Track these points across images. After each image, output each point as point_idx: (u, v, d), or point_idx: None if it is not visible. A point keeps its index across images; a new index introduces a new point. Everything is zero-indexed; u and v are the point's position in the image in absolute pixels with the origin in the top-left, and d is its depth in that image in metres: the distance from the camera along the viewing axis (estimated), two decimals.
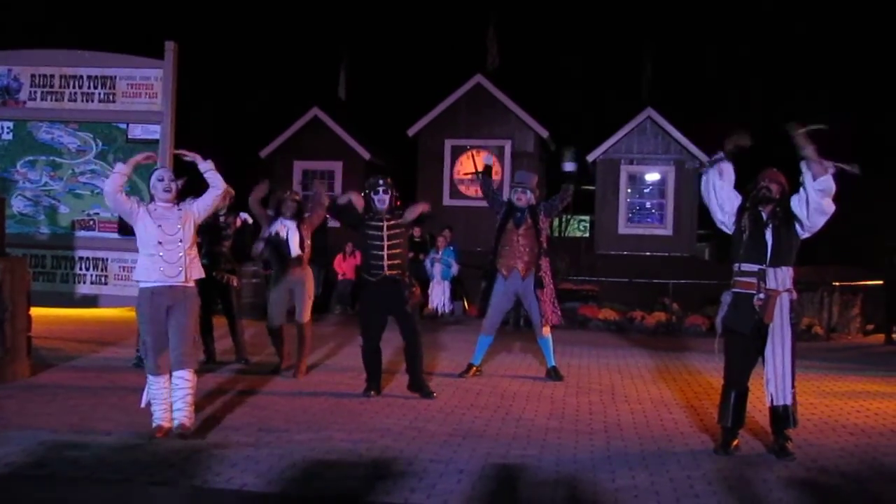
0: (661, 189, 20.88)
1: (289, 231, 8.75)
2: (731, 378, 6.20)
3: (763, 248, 6.04)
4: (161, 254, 6.10)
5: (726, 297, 6.21)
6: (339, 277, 16.42)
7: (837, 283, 15.29)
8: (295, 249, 8.73)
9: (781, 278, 6.02)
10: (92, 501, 4.88)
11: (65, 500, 4.89)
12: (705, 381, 9.39)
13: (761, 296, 6.00)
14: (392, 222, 8.00)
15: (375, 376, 8.07)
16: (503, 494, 5.09)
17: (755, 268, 6.05)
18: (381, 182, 8.05)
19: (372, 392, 7.94)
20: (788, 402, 6.01)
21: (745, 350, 6.16)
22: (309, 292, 8.87)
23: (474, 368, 9.28)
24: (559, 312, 9.44)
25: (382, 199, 7.99)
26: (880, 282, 14.52)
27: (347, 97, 23.79)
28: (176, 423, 6.12)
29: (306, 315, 8.85)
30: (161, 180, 6.26)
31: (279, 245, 8.74)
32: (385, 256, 7.89)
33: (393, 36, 30.53)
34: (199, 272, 6.36)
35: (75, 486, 5.04)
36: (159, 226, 6.13)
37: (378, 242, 7.92)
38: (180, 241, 6.16)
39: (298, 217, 8.82)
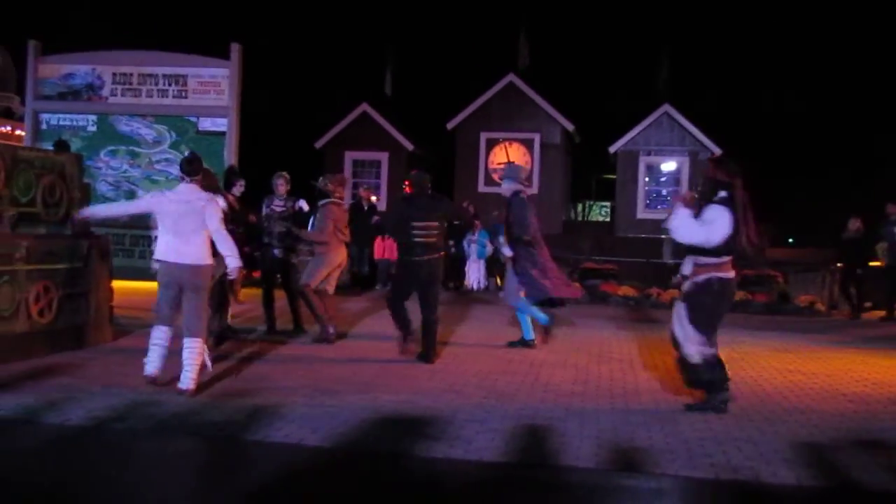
0: (676, 178, 20.70)
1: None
2: None
3: None
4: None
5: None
6: (377, 257, 16.29)
7: (839, 264, 15.04)
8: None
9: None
10: (166, 452, 4.95)
11: (143, 450, 4.96)
12: None
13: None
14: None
15: (406, 324, 8.04)
16: (532, 450, 5.08)
17: None
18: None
19: (409, 339, 7.97)
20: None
21: None
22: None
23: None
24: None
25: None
26: (879, 263, 14.27)
27: (393, 93, 23.76)
28: (182, 386, 6.12)
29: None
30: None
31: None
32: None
33: (434, 38, 30.47)
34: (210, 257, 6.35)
35: (152, 438, 5.12)
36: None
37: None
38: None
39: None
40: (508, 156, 21.03)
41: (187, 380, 6.11)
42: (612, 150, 21.00)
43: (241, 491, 4.30)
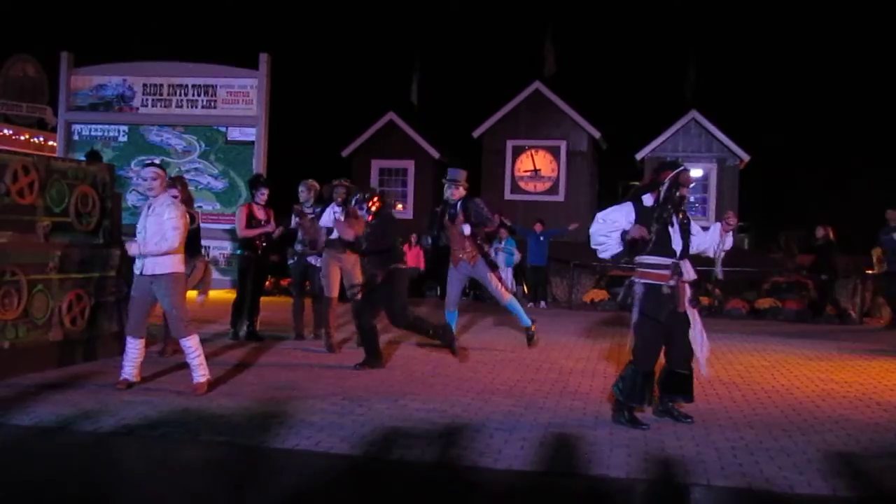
0: (703, 184, 20.54)
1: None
2: (646, 360, 6.02)
3: (674, 245, 5.93)
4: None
5: (639, 288, 6.01)
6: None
7: (870, 271, 14.86)
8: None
9: (688, 269, 5.97)
10: (196, 460, 4.98)
11: (174, 458, 4.99)
12: (746, 360, 9.20)
13: (672, 283, 5.89)
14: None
15: (374, 352, 7.97)
16: (563, 459, 5.05)
17: (668, 261, 5.90)
18: (366, 197, 7.98)
19: (367, 367, 7.84)
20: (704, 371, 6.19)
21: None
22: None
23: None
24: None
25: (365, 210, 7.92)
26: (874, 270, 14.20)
27: (419, 102, 23.83)
28: (194, 380, 6.54)
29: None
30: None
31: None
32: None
33: (460, 46, 30.51)
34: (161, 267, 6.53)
35: (183, 446, 5.14)
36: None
37: None
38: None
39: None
40: (535, 163, 21.01)
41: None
42: (639, 156, 20.89)
43: (272, 499, 4.31)
